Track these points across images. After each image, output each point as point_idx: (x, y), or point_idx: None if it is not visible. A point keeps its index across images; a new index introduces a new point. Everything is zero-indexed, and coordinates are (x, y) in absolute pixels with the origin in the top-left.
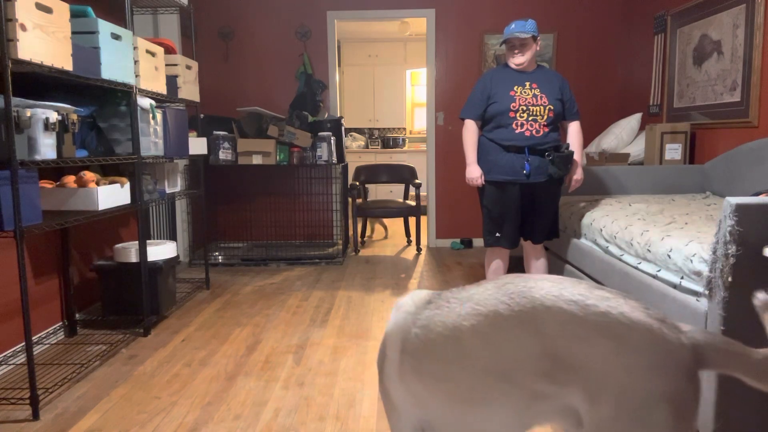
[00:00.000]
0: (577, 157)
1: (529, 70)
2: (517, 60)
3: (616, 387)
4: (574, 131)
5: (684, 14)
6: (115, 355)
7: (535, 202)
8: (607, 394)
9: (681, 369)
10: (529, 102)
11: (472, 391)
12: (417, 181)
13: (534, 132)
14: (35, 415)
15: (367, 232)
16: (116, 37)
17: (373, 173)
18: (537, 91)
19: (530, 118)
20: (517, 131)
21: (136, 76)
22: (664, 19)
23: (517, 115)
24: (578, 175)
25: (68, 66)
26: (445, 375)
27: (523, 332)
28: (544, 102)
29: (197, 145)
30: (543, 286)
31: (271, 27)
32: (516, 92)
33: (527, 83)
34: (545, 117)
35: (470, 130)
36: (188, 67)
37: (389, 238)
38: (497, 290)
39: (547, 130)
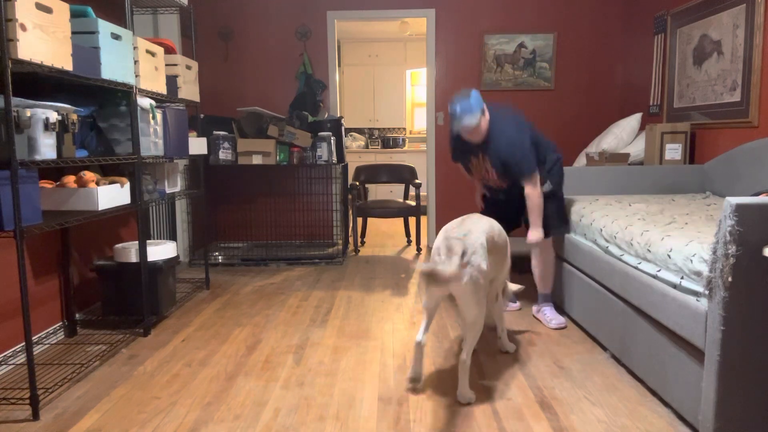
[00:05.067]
0: (531, 220)
1: (482, 140)
2: (474, 140)
3: None
4: (525, 195)
5: (684, 14)
6: (115, 355)
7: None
8: None
9: None
10: (486, 177)
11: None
12: (417, 181)
13: (501, 187)
14: (35, 415)
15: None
16: (116, 37)
17: (373, 173)
18: (488, 166)
19: (492, 186)
20: (488, 185)
21: (136, 76)
22: (664, 19)
23: (482, 181)
24: (530, 237)
25: (68, 66)
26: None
27: None
28: (494, 177)
29: (197, 145)
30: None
31: (271, 27)
32: (473, 165)
33: (480, 154)
34: (501, 185)
35: (465, 171)
36: (188, 67)
37: (390, 237)
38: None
39: (506, 186)
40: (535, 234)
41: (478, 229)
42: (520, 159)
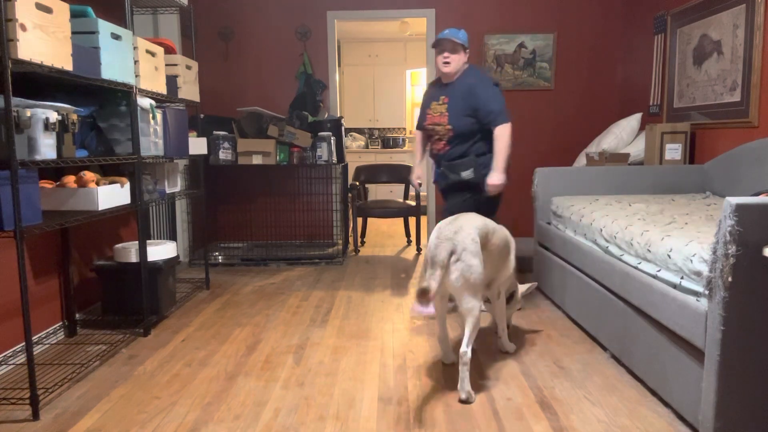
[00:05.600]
0: (496, 162)
1: (452, 80)
2: (446, 69)
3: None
4: (495, 137)
5: (684, 14)
6: (115, 355)
7: (449, 204)
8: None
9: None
10: (435, 122)
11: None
12: None
13: (439, 150)
14: (35, 415)
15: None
16: (116, 37)
17: (373, 173)
18: (444, 108)
19: (436, 137)
20: (432, 146)
21: (136, 76)
22: (664, 19)
23: (431, 133)
24: (492, 179)
25: (68, 66)
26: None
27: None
28: (444, 121)
29: (197, 145)
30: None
31: (271, 27)
32: (431, 110)
33: (442, 98)
34: (446, 136)
35: (417, 140)
36: (188, 67)
37: (390, 237)
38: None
39: (449, 147)
40: (495, 177)
41: (469, 225)
42: (497, 107)
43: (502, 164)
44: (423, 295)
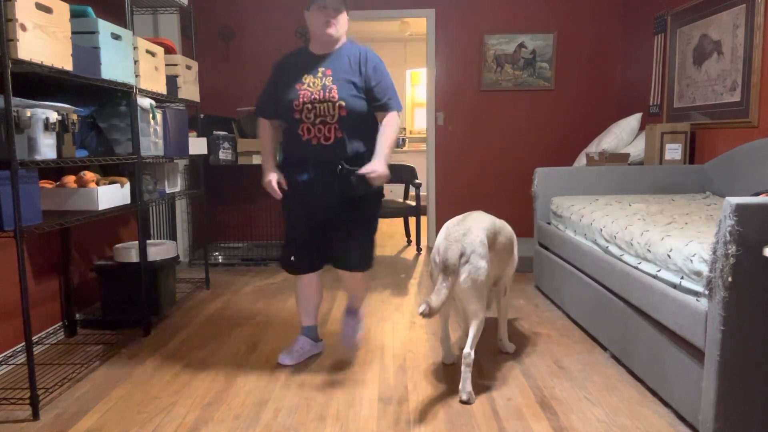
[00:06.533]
0: (382, 148)
1: (330, 50)
2: (329, 30)
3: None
4: (387, 122)
5: (684, 14)
6: (115, 355)
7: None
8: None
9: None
10: (315, 97)
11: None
12: (417, 181)
13: (323, 139)
14: (35, 415)
15: None
16: (116, 37)
17: None
18: (328, 81)
19: (318, 120)
20: (304, 138)
21: (136, 76)
22: (664, 19)
23: (303, 116)
24: (377, 167)
25: (68, 66)
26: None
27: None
28: (333, 96)
29: (197, 145)
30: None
31: (271, 27)
32: (303, 84)
33: (321, 70)
34: (335, 117)
35: (264, 131)
36: (188, 67)
37: (390, 237)
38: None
39: (339, 135)
40: (380, 165)
41: (478, 226)
42: (393, 88)
43: (389, 152)
44: (430, 315)
